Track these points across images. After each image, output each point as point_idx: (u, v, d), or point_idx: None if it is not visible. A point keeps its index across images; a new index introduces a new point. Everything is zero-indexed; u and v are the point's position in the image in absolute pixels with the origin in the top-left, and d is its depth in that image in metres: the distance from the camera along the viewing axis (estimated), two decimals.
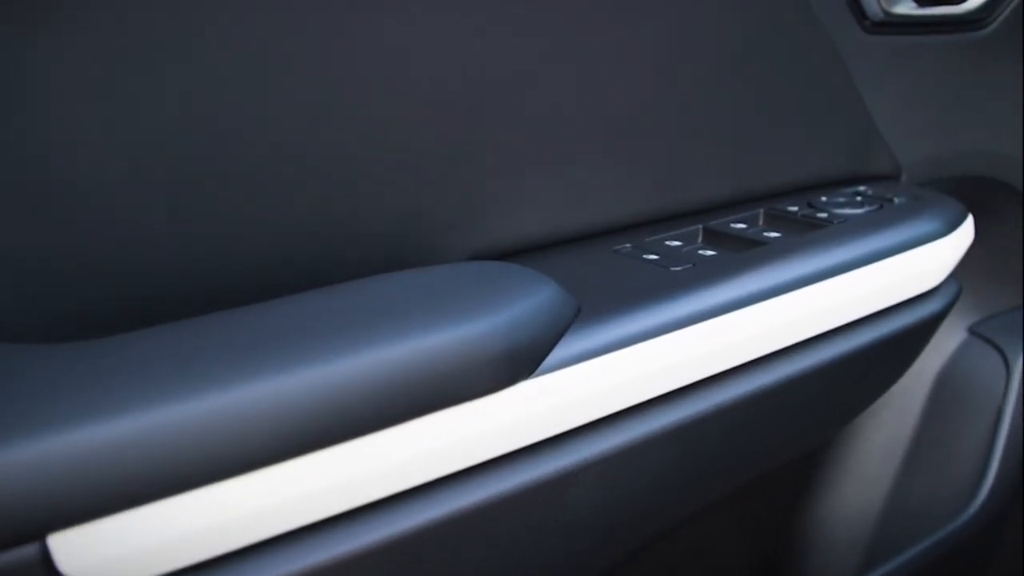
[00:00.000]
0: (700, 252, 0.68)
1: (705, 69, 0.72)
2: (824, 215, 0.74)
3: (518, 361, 0.52)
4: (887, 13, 0.81)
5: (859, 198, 0.79)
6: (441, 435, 0.50)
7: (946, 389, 1.03)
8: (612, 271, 0.64)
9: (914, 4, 0.83)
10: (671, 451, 0.60)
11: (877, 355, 0.72)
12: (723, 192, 0.77)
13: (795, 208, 0.76)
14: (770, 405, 0.66)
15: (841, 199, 0.79)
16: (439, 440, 0.50)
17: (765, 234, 0.71)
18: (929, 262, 0.74)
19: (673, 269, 0.64)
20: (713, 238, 0.72)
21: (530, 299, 0.54)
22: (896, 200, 0.78)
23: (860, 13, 0.80)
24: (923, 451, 1.03)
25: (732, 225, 0.73)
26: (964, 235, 0.77)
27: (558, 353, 0.54)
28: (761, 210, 0.77)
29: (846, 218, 0.74)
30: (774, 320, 0.63)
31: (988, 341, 1.01)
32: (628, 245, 0.69)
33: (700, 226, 0.73)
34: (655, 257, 0.66)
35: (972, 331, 1.03)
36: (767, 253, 0.67)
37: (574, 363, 0.54)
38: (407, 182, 0.60)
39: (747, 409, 0.64)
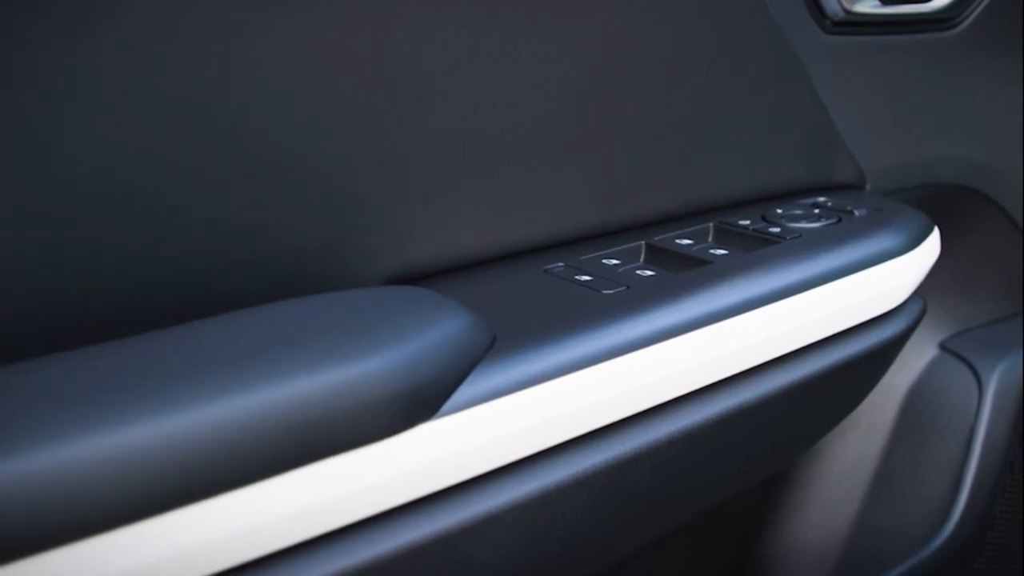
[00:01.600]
0: (638, 272, 0.63)
1: (649, 72, 0.66)
2: (777, 230, 0.69)
3: (416, 401, 0.46)
4: (848, 12, 0.76)
5: (817, 210, 0.74)
6: (329, 485, 0.45)
7: (916, 408, 0.98)
8: (538, 294, 0.59)
9: (878, 2, 0.78)
10: (598, 494, 0.55)
11: (833, 381, 0.67)
12: (671, 205, 0.72)
13: (747, 222, 0.71)
14: (713, 439, 0.61)
15: (797, 211, 0.74)
16: (327, 491, 0.45)
17: (711, 251, 0.66)
18: (890, 280, 0.68)
19: (604, 292, 0.58)
20: (655, 256, 0.67)
21: (435, 330, 0.49)
22: (856, 212, 0.73)
23: (819, 12, 0.75)
24: (891, 474, 0.97)
25: (677, 241, 0.68)
26: (929, 250, 0.72)
27: (466, 390, 0.49)
28: (711, 224, 0.71)
29: (800, 233, 0.68)
30: (714, 348, 0.58)
31: (960, 358, 0.96)
32: (561, 264, 0.64)
33: (643, 242, 0.68)
34: (587, 278, 0.61)
35: (943, 347, 0.98)
36: (708, 273, 0.61)
37: (483, 401, 0.49)
38: (320, 199, 0.55)
39: (684, 445, 0.59)
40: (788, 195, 0.79)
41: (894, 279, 0.69)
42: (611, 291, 0.59)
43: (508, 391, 0.50)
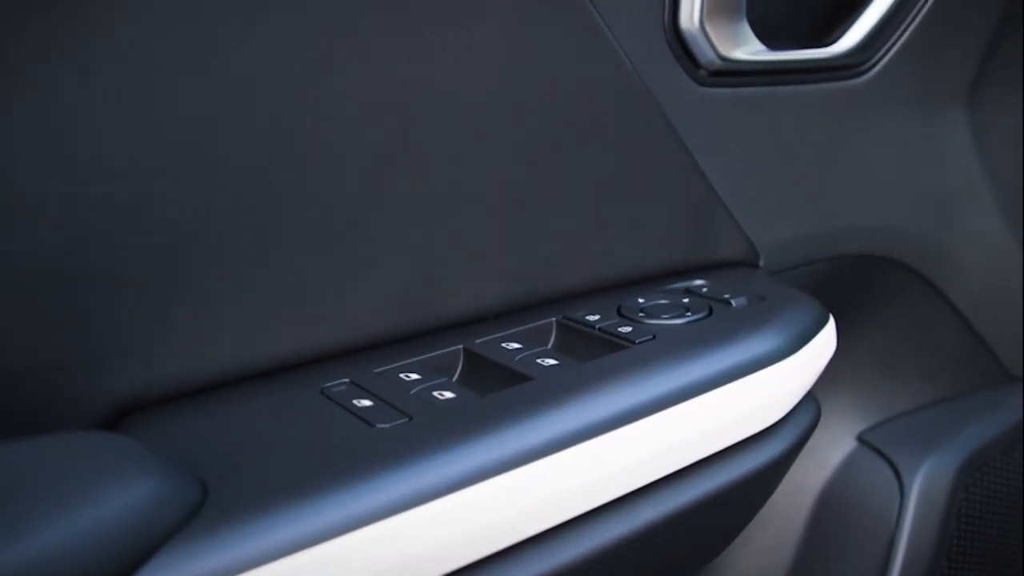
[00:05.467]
0: (435, 393, 0.49)
1: (475, 133, 0.53)
2: (628, 329, 0.56)
3: None
4: (725, 59, 0.63)
5: (686, 299, 0.61)
6: None
7: (830, 513, 0.85)
8: (295, 429, 0.46)
9: (763, 47, 0.65)
10: None
11: (698, 517, 0.54)
12: (511, 296, 0.59)
13: (596, 317, 0.58)
14: None
15: (663, 301, 0.61)
16: None
17: (539, 360, 0.53)
18: (767, 392, 0.56)
19: (379, 427, 0.45)
20: (470, 366, 0.54)
21: (92, 509, 0.36)
22: (734, 302, 0.60)
23: (690, 61, 0.62)
24: None
25: (504, 345, 0.55)
26: (820, 349, 0.59)
27: None
28: (554, 320, 0.58)
29: (654, 334, 0.55)
30: (514, 500, 0.45)
31: (880, 453, 0.83)
32: (346, 381, 0.50)
33: (460, 347, 0.55)
34: (368, 403, 0.48)
35: (861, 440, 0.85)
36: (521, 396, 0.48)
37: None
38: (16, 302, 0.42)
39: None
40: (663, 276, 0.66)
41: (773, 389, 0.56)
42: (388, 424, 0.46)
43: None
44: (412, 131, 0.51)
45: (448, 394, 0.49)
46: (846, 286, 0.76)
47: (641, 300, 0.61)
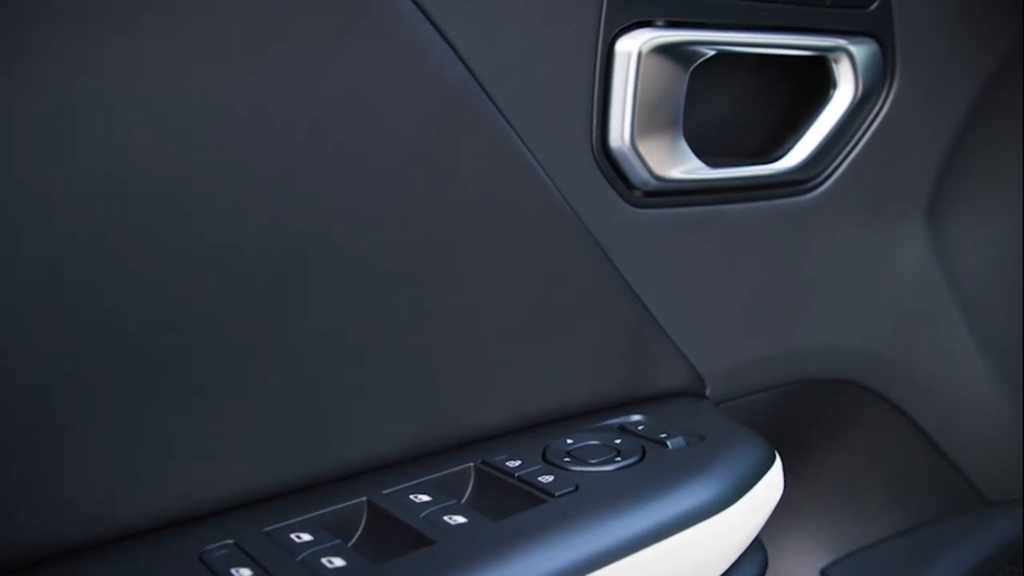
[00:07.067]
0: (326, 560, 0.44)
1: (391, 264, 0.49)
2: (549, 479, 0.51)
3: None
4: (661, 179, 0.59)
5: (619, 440, 0.56)
6: None
7: None
8: None
9: (703, 164, 0.61)
10: None
11: None
12: (426, 438, 0.54)
13: (517, 463, 0.52)
14: None
15: (594, 442, 0.56)
16: None
17: (446, 518, 0.47)
18: (704, 546, 0.51)
19: None
20: (374, 522, 0.49)
21: None
22: (670, 444, 0.55)
23: (623, 182, 0.58)
24: None
25: (412, 497, 0.50)
26: (764, 495, 0.54)
27: None
28: (472, 465, 0.53)
29: (577, 484, 0.50)
30: None
31: None
32: (228, 543, 0.45)
33: (364, 499, 0.49)
34: (248, 573, 0.42)
35: (825, 575, 0.80)
36: (420, 565, 0.43)
37: None
38: None
39: None
40: (600, 410, 0.61)
41: (712, 543, 0.51)
42: None
43: None
44: (311, 258, 0.46)
45: (339, 561, 0.44)
46: (804, 412, 0.71)
47: (570, 441, 0.56)
